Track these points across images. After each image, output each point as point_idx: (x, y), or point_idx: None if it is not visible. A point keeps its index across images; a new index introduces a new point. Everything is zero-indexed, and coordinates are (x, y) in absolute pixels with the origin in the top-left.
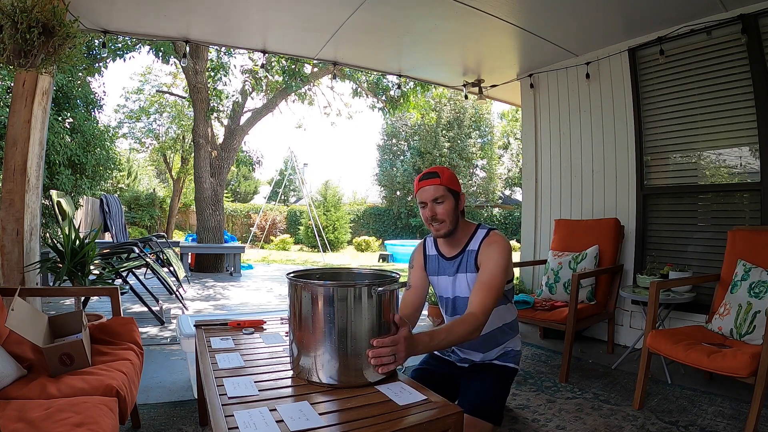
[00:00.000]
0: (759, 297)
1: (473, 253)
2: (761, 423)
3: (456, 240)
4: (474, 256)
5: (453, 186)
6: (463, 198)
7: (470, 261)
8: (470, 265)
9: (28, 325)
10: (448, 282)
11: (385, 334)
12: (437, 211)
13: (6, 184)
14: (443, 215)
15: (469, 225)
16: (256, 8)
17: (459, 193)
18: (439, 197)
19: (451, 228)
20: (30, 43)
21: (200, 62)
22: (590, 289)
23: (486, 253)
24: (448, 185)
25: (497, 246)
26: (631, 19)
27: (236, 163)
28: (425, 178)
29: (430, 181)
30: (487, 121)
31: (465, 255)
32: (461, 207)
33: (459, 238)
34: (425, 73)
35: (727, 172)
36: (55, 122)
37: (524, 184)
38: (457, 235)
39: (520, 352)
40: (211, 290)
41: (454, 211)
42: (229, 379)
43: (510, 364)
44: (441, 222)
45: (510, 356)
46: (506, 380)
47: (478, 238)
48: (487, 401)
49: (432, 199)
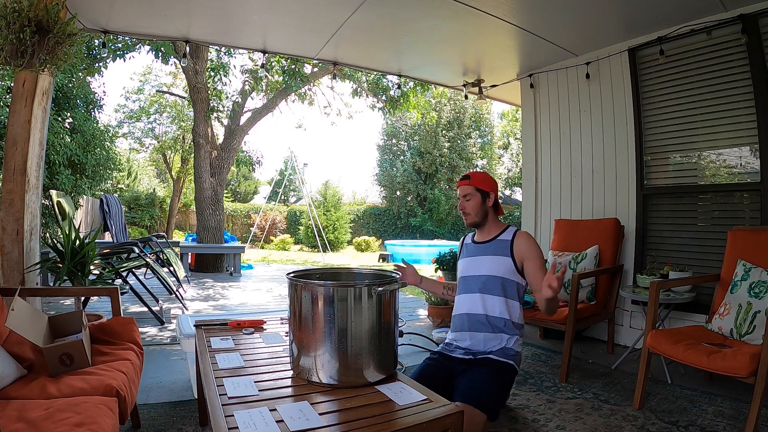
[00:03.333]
0: (759, 297)
1: (506, 243)
2: (761, 423)
3: (487, 231)
4: (508, 245)
5: (482, 186)
6: (492, 197)
7: (502, 247)
8: (502, 250)
9: (28, 325)
10: (475, 261)
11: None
12: (465, 206)
13: (6, 184)
14: (469, 209)
15: (501, 224)
16: (256, 8)
17: (488, 192)
18: (467, 194)
19: (477, 220)
20: (24, 42)
21: (200, 62)
22: (590, 289)
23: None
24: (477, 186)
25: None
26: (631, 19)
27: (236, 163)
28: (461, 179)
29: (463, 182)
30: (487, 121)
31: (496, 242)
32: (490, 203)
33: (490, 230)
34: (425, 73)
35: (727, 172)
36: (55, 122)
37: (524, 184)
38: (487, 228)
39: (520, 354)
40: (211, 290)
41: (481, 206)
42: (229, 379)
43: (509, 362)
44: (467, 214)
45: (510, 354)
46: (503, 376)
47: (509, 232)
48: (479, 390)
49: (462, 195)
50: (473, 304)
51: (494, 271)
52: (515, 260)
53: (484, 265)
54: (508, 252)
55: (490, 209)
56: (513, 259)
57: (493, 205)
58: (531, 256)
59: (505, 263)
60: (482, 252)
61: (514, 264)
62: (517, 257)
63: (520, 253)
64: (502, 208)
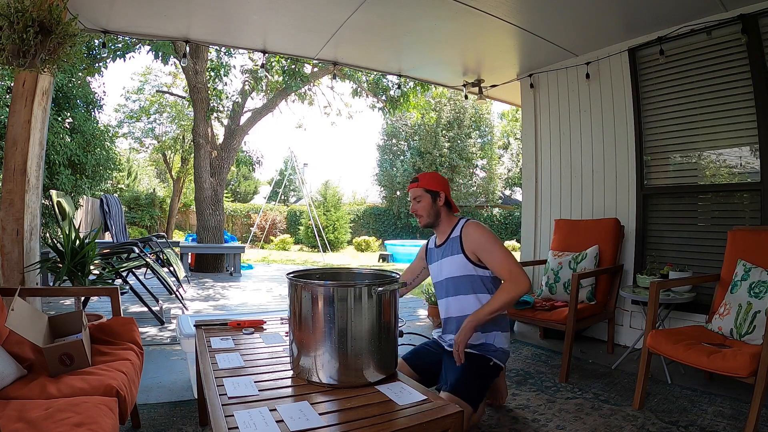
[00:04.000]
0: (759, 297)
1: (457, 239)
2: (761, 423)
3: (442, 231)
4: (458, 241)
5: (430, 187)
6: (443, 196)
7: (454, 245)
8: (455, 249)
9: (28, 325)
10: (437, 267)
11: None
12: (416, 208)
13: (6, 184)
14: (420, 211)
15: (453, 219)
16: (256, 8)
17: (437, 192)
18: (417, 197)
19: (430, 220)
20: (27, 42)
21: (200, 62)
22: (590, 289)
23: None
24: (426, 187)
25: (476, 228)
26: (631, 19)
27: (236, 163)
28: (410, 182)
29: (412, 185)
30: (487, 121)
31: (449, 242)
32: (441, 203)
33: (444, 229)
34: (425, 73)
35: (727, 172)
36: (55, 122)
37: (524, 184)
38: (442, 227)
39: (503, 351)
40: (211, 290)
41: (432, 206)
42: (229, 379)
43: (489, 356)
44: (419, 216)
45: (490, 350)
46: (481, 370)
47: (458, 227)
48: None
49: (413, 198)
50: (449, 308)
51: (453, 272)
52: (467, 255)
53: (443, 269)
54: (458, 249)
55: (441, 208)
56: (465, 254)
57: (444, 203)
58: (482, 248)
59: (459, 261)
60: (441, 255)
61: (467, 259)
62: (468, 251)
63: (471, 247)
64: (456, 206)
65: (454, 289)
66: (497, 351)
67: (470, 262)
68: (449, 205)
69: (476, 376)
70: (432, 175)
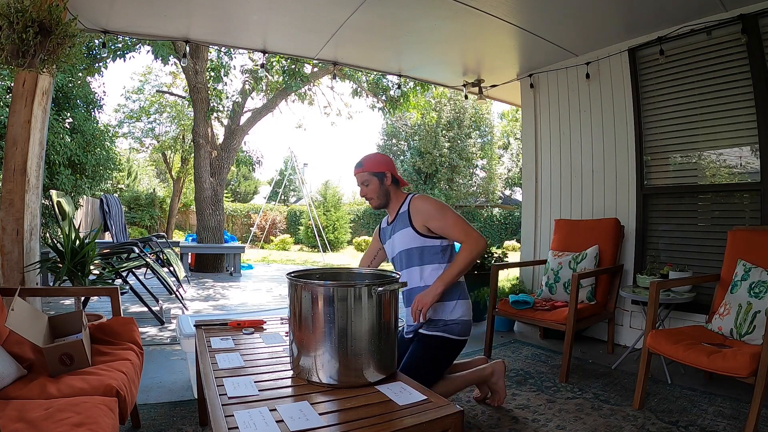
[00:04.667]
0: (759, 297)
1: (405, 214)
2: (761, 423)
3: (392, 209)
4: (406, 215)
5: (375, 169)
6: (389, 175)
7: (403, 219)
8: (403, 222)
9: (28, 325)
10: (390, 244)
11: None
12: (366, 192)
13: (6, 184)
14: (370, 194)
15: (401, 195)
16: (256, 8)
17: (383, 173)
18: (365, 181)
19: (381, 202)
20: (26, 42)
21: (200, 62)
22: (590, 289)
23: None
24: (371, 170)
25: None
26: (631, 19)
27: (236, 163)
28: (355, 167)
29: (356, 170)
30: (487, 121)
31: (399, 217)
32: (388, 182)
33: (394, 207)
34: (425, 73)
35: (727, 172)
36: (55, 122)
37: (524, 184)
38: (392, 206)
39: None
40: (211, 290)
41: (380, 188)
42: (229, 379)
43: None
44: (370, 199)
45: (439, 326)
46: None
47: (406, 202)
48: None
49: (361, 183)
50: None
51: (403, 245)
52: (415, 227)
53: (395, 244)
54: (407, 222)
55: (390, 188)
56: (413, 227)
57: (392, 182)
58: (431, 216)
59: (409, 234)
60: (392, 232)
61: (415, 231)
62: (417, 224)
63: (420, 219)
64: (403, 180)
65: (406, 262)
66: (456, 325)
67: (419, 234)
68: (396, 183)
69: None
70: (375, 157)
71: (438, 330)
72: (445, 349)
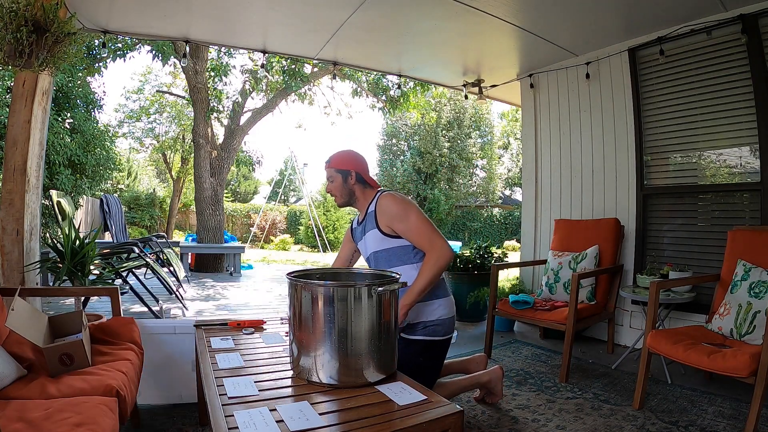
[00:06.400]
0: (759, 297)
1: (372, 214)
2: (761, 423)
3: (360, 208)
4: (373, 216)
5: (340, 167)
6: (353, 174)
7: (371, 220)
8: (371, 223)
9: (28, 325)
10: (362, 244)
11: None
12: (330, 188)
13: (6, 184)
14: (334, 191)
15: (370, 193)
16: (256, 8)
17: (348, 171)
18: (329, 177)
19: (344, 200)
20: (22, 42)
21: (200, 62)
22: (590, 289)
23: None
24: (336, 167)
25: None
26: (631, 19)
27: (236, 163)
28: (325, 163)
29: (325, 166)
30: (487, 121)
31: (367, 216)
32: (352, 181)
33: (362, 205)
34: (425, 73)
35: (727, 172)
36: (55, 122)
37: (524, 184)
38: (359, 204)
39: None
40: (211, 290)
41: (343, 186)
42: (229, 379)
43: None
44: (334, 196)
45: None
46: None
47: (374, 202)
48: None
49: (327, 178)
50: None
51: (372, 247)
52: (381, 228)
53: (368, 245)
54: (374, 223)
55: (355, 186)
56: (379, 228)
57: (357, 181)
58: (396, 218)
59: (376, 235)
60: (363, 232)
61: (381, 232)
62: (382, 225)
63: (385, 220)
64: (373, 180)
65: (380, 264)
66: (438, 326)
67: (385, 235)
68: (364, 182)
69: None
70: (343, 154)
71: (419, 334)
72: (429, 352)
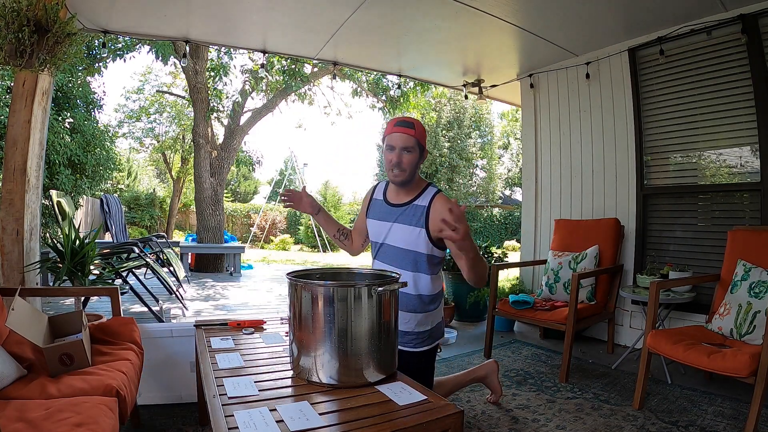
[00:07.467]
0: (759, 297)
1: (421, 209)
2: (761, 423)
3: (406, 191)
4: (423, 211)
5: (422, 141)
6: (425, 154)
7: (415, 214)
8: (415, 219)
9: (28, 325)
10: (383, 227)
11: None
12: (403, 159)
13: (6, 184)
14: (407, 164)
15: (421, 181)
16: (256, 8)
17: (425, 148)
18: (409, 147)
19: (409, 178)
20: (23, 42)
21: (200, 62)
22: (590, 289)
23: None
24: (419, 138)
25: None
26: (631, 19)
27: (236, 163)
28: (401, 125)
29: (405, 130)
30: (487, 121)
31: (411, 207)
32: (422, 162)
33: (410, 191)
34: (425, 73)
35: (727, 172)
36: (55, 122)
37: (524, 184)
38: (406, 189)
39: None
40: (211, 290)
41: (417, 164)
42: (229, 379)
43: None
44: (402, 171)
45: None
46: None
47: (428, 195)
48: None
49: (402, 146)
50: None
51: (406, 244)
52: (430, 231)
53: (394, 235)
54: (422, 222)
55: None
56: (427, 230)
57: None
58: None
59: (418, 236)
60: (393, 217)
61: (429, 236)
62: (432, 228)
63: (438, 223)
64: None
65: (392, 259)
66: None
67: (431, 241)
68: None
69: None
70: (424, 128)
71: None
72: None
